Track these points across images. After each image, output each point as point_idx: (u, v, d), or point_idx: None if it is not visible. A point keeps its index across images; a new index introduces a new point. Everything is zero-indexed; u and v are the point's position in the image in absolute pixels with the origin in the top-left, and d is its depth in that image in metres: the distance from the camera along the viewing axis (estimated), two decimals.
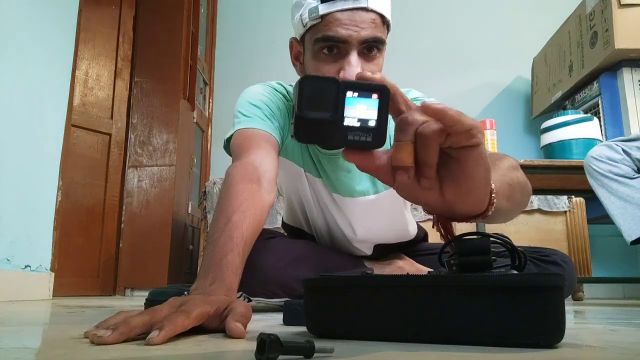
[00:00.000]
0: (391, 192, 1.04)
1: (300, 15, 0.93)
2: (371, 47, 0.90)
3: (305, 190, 1.11)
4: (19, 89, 1.75)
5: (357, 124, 0.40)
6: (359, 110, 0.40)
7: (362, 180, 1.08)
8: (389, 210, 1.12)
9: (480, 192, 0.46)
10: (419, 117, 0.40)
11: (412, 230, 1.25)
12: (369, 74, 0.41)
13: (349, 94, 0.40)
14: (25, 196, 1.77)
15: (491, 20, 3.34)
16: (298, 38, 0.99)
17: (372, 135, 0.40)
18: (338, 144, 0.40)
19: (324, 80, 0.40)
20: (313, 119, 0.39)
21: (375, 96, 0.40)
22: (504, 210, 0.57)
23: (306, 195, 1.12)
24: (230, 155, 0.98)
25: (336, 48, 0.89)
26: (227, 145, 1.02)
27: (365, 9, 0.87)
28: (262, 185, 0.83)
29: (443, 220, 0.51)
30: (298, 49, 1.00)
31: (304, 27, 0.93)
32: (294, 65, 1.04)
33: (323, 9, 0.88)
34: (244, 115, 1.00)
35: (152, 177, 2.65)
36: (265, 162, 0.88)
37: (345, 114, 0.39)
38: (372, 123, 0.40)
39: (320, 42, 0.90)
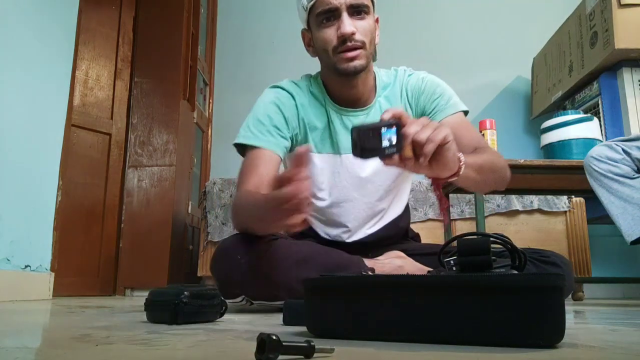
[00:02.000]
0: None
1: (301, 4, 1.16)
2: (359, 10, 1.13)
3: (338, 169, 1.24)
4: (19, 89, 1.75)
5: (388, 144, 0.76)
6: (388, 137, 0.76)
7: None
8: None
9: (452, 164, 0.83)
10: (415, 128, 0.76)
11: (402, 205, 1.35)
12: (389, 114, 0.77)
13: (383, 129, 0.76)
14: (25, 196, 1.77)
15: (491, 20, 3.34)
16: (305, 26, 1.21)
17: (396, 148, 0.76)
18: (380, 156, 0.77)
19: (370, 126, 0.77)
20: (367, 148, 0.76)
21: (394, 127, 0.76)
22: (473, 178, 0.97)
23: (339, 174, 1.24)
24: (240, 153, 1.22)
25: (332, 16, 1.12)
26: (239, 148, 1.22)
27: None
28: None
29: (435, 181, 0.93)
30: (308, 37, 1.21)
31: (306, 10, 1.16)
32: (307, 50, 1.24)
33: None
34: (252, 132, 1.19)
35: (152, 177, 2.65)
36: (262, 183, 1.10)
37: (382, 141, 0.76)
38: (394, 141, 0.75)
39: (320, 16, 1.13)
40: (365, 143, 0.76)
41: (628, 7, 2.21)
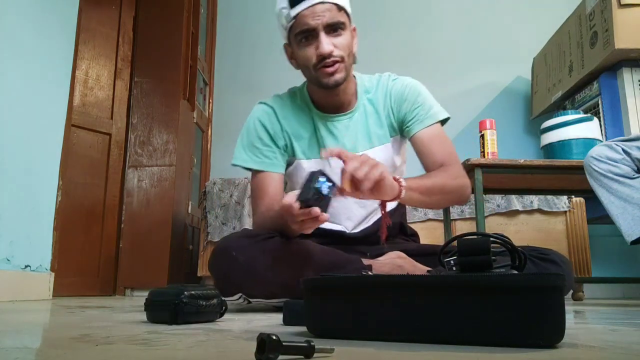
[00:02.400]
0: (384, 146, 1.30)
1: (281, 23, 1.23)
2: (335, 28, 1.18)
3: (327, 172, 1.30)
4: (19, 89, 1.75)
5: (328, 190, 0.94)
6: (326, 185, 0.94)
7: (358, 140, 1.31)
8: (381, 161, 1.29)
9: (390, 191, 1.01)
10: (354, 165, 0.93)
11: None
12: (328, 153, 0.99)
13: (320, 181, 0.94)
14: (25, 196, 1.77)
15: (491, 20, 3.34)
16: (287, 42, 1.26)
17: (333, 185, 0.95)
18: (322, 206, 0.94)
19: (310, 191, 0.93)
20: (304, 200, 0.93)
21: (323, 176, 0.95)
22: (417, 199, 1.11)
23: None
24: (237, 164, 1.34)
25: (310, 35, 1.18)
26: (240, 165, 1.33)
27: (322, 2, 1.16)
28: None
29: (381, 203, 1.07)
30: (290, 50, 1.27)
31: (286, 30, 1.22)
32: (291, 63, 1.29)
33: (293, 12, 1.17)
34: (249, 156, 1.30)
35: (152, 177, 2.65)
36: (274, 203, 1.21)
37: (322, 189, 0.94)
38: (327, 188, 0.94)
39: (299, 36, 1.19)
40: (318, 204, 0.93)
41: (628, 7, 2.21)
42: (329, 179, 0.95)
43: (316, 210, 0.92)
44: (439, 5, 3.40)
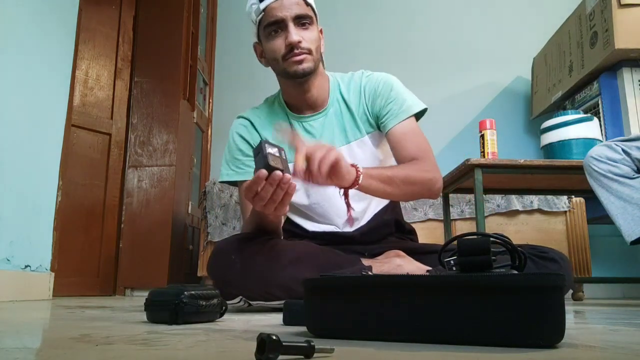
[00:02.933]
0: (360, 141, 1.31)
1: (251, 19, 1.26)
2: (303, 22, 1.21)
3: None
4: (19, 89, 1.75)
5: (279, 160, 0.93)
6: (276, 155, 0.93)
7: (335, 136, 1.31)
8: (361, 156, 1.30)
9: (347, 176, 1.01)
10: (310, 147, 0.96)
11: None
12: (281, 134, 1.18)
13: (269, 148, 0.92)
14: (25, 196, 1.77)
15: (491, 20, 3.34)
16: (256, 39, 1.29)
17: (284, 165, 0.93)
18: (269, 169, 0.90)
19: (259, 145, 0.92)
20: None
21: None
22: (376, 187, 1.09)
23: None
24: (223, 180, 1.36)
25: (279, 27, 1.21)
26: (225, 181, 1.35)
27: None
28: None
29: (344, 190, 1.06)
30: (260, 49, 1.30)
31: (255, 24, 1.25)
32: (260, 61, 1.33)
33: (262, 5, 1.21)
34: (232, 170, 1.33)
35: (152, 177, 2.65)
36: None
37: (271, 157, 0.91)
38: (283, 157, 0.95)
39: (268, 27, 1.22)
40: (258, 166, 0.91)
41: (628, 7, 2.21)
42: (276, 147, 0.94)
43: (277, 173, 0.90)
44: (439, 5, 3.40)
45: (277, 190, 0.93)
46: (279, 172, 0.90)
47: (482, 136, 1.86)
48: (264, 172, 0.89)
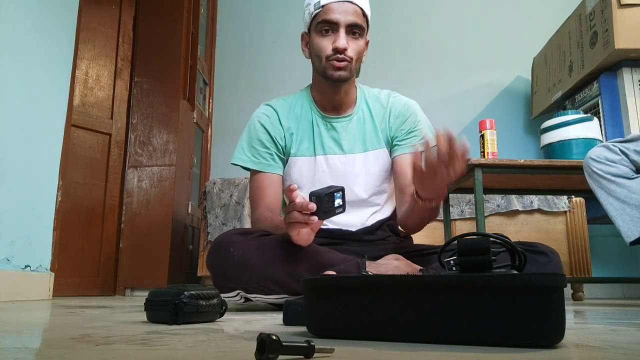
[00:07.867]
0: (377, 152, 1.35)
1: (308, 9, 1.29)
2: (354, 31, 1.26)
3: (316, 169, 1.35)
4: (19, 89, 1.75)
5: (340, 204, 1.01)
6: (339, 199, 1.00)
7: (355, 142, 1.36)
8: (375, 167, 1.35)
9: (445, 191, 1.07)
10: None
11: (392, 205, 1.41)
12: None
13: (336, 194, 1.00)
14: (25, 196, 1.77)
15: (491, 20, 3.34)
16: (306, 30, 1.33)
17: (343, 207, 1.01)
18: (333, 215, 1.01)
19: (328, 191, 0.98)
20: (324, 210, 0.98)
21: (340, 192, 1.01)
22: (425, 217, 1.20)
23: (324, 172, 1.34)
24: (236, 163, 1.38)
25: (331, 28, 1.25)
26: (239, 164, 1.38)
27: (351, 2, 1.25)
28: (275, 214, 1.29)
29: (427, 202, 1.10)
30: (307, 39, 1.35)
31: (311, 15, 1.28)
32: (303, 51, 1.37)
33: (324, 1, 1.25)
34: (248, 157, 1.35)
35: (152, 177, 2.65)
36: (273, 203, 1.31)
37: (335, 202, 1.00)
38: (342, 201, 1.01)
39: (321, 24, 1.26)
40: (323, 206, 0.96)
41: (628, 7, 2.20)
42: (344, 200, 1.00)
43: (312, 205, 0.94)
44: (439, 5, 3.40)
45: (300, 220, 0.98)
46: (312, 204, 0.94)
47: (482, 136, 1.86)
48: (301, 199, 0.96)
